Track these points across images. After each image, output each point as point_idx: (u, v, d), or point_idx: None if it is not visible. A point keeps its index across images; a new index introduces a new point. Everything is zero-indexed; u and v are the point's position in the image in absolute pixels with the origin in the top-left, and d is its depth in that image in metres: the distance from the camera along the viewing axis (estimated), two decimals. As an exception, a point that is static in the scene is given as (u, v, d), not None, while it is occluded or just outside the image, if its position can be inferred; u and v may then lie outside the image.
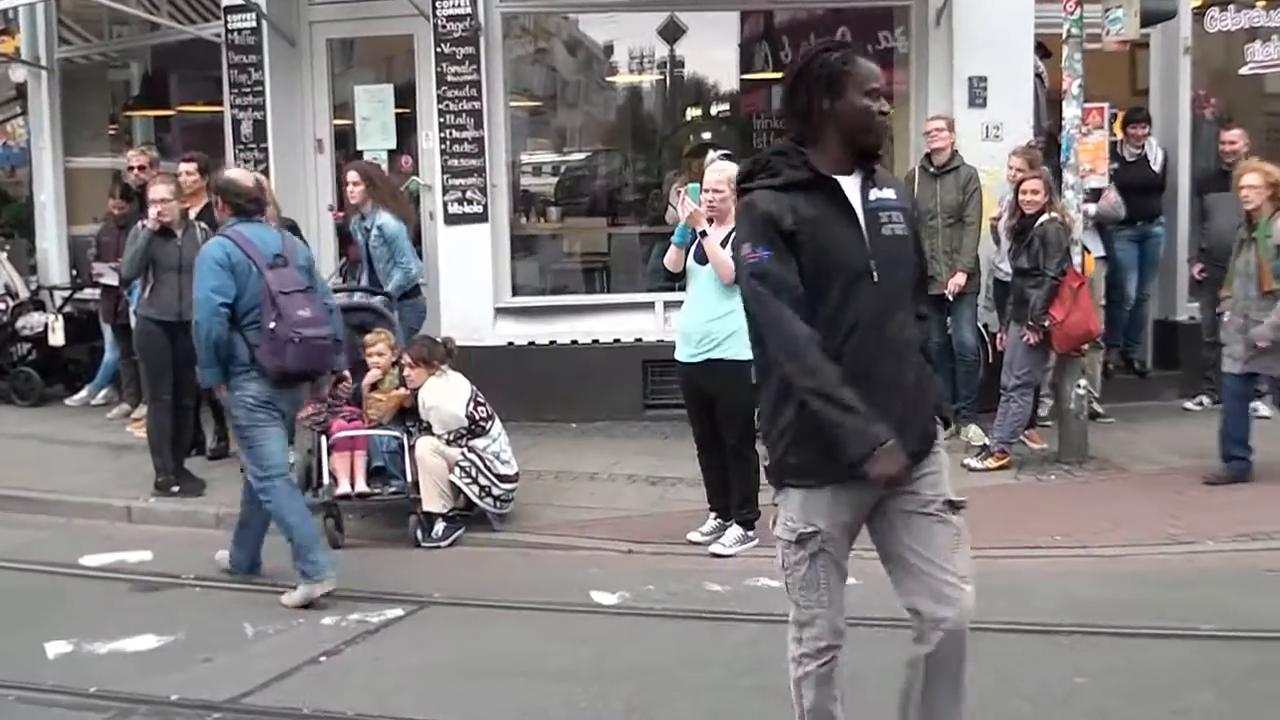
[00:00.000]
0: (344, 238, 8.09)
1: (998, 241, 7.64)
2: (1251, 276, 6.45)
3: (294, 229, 7.50)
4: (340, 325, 5.67)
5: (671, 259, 5.87)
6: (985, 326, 8.04)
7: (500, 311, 8.70)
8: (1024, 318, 6.96)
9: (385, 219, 7.33)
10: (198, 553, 6.00)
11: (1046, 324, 6.85)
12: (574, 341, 8.66)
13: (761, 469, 5.75)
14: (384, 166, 8.88)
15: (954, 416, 7.79)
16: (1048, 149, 7.88)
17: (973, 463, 7.05)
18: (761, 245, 2.98)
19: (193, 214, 7.26)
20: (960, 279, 7.54)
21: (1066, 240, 6.92)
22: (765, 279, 2.98)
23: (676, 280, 6.16)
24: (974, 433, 7.51)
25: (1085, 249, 7.27)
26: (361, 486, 6.28)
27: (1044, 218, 6.91)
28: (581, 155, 10.37)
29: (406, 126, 9.02)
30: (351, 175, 7.35)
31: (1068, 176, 7.16)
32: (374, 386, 6.52)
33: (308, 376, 5.35)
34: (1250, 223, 6.52)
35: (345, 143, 9.22)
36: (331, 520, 6.15)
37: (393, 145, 9.08)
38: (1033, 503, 6.51)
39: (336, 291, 7.56)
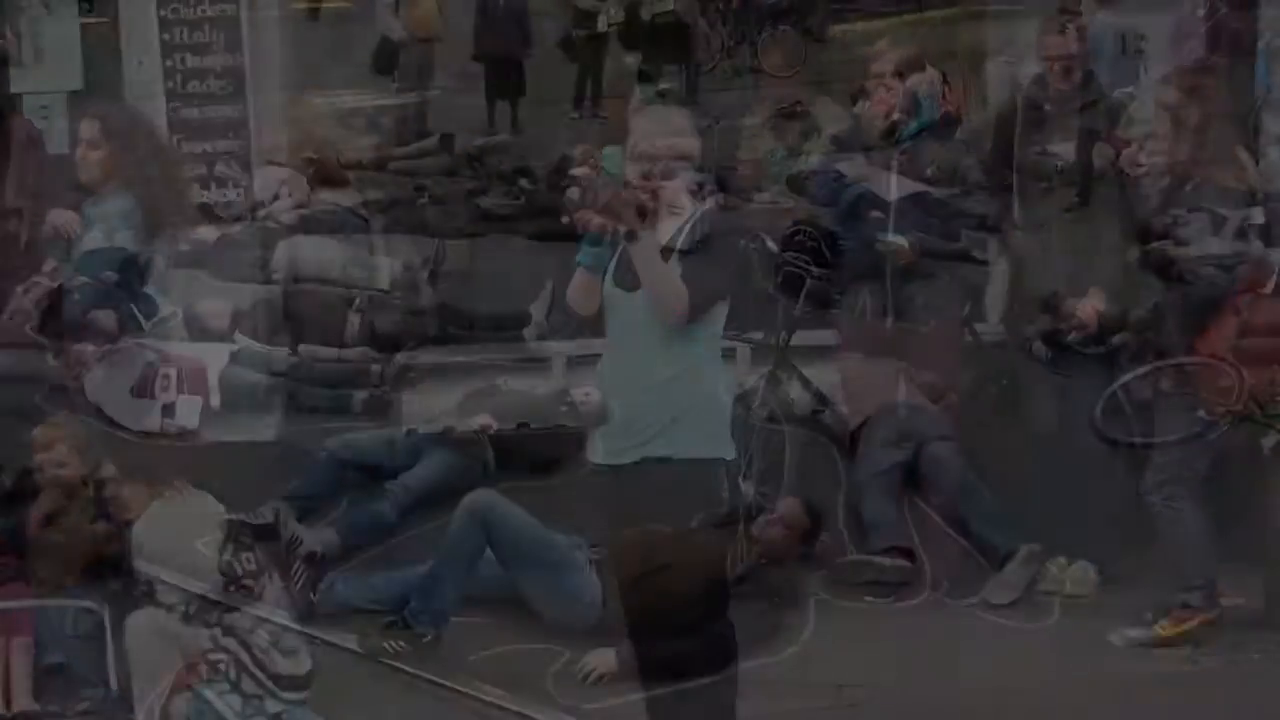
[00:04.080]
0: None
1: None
2: None
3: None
4: None
5: (578, 292, 5.86)
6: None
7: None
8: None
9: (127, 205, 7.37)
10: None
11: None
12: (410, 432, 8.57)
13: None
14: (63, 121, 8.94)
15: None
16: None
17: (1133, 633, 7.00)
18: None
19: None
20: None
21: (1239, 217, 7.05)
22: None
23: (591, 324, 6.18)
24: (1076, 576, 7.42)
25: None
26: (25, 702, 6.28)
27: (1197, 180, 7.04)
28: (410, 97, 10.48)
29: (103, 49, 9.16)
30: (86, 128, 7.34)
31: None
32: (50, 519, 6.45)
33: None
34: None
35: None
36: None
37: (78, 84, 9.17)
38: (1229, 706, 6.53)
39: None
